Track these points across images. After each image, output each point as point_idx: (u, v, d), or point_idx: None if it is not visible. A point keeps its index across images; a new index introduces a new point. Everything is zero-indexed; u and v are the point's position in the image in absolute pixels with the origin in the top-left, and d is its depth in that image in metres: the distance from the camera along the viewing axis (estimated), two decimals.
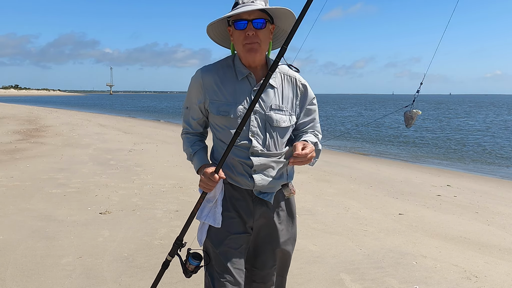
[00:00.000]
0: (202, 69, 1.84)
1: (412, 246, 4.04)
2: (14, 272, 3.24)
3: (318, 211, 5.22)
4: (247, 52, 1.74)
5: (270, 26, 1.78)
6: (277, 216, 1.90)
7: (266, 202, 1.85)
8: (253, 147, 1.76)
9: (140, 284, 3.10)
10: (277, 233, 1.90)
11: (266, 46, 1.78)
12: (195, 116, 1.89)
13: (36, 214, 4.75)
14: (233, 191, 1.82)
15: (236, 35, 1.75)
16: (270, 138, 1.79)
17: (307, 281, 3.22)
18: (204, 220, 1.83)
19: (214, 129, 1.86)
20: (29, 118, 21.08)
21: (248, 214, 1.83)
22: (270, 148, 1.79)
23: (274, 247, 1.92)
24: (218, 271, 1.79)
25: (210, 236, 1.82)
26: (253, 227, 1.86)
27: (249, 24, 1.71)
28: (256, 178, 1.78)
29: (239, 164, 1.78)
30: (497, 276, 3.41)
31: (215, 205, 1.80)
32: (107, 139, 12.63)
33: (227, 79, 1.79)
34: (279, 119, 1.79)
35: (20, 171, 7.17)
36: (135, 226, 4.40)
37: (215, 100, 1.79)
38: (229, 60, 1.85)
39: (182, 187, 6.26)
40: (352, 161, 10.67)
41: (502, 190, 7.74)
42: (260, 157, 1.77)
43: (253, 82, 1.80)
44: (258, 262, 1.93)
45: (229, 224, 1.80)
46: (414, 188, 7.05)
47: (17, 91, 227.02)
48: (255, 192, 1.82)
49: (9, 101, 59.70)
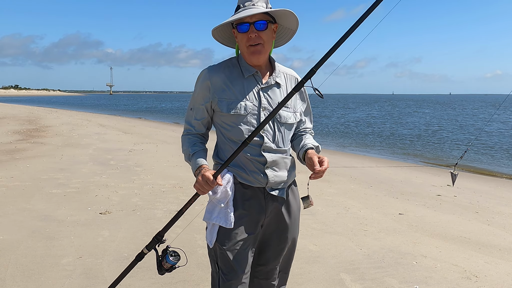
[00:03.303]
0: (208, 69, 1.86)
1: (412, 246, 4.04)
2: (14, 272, 3.25)
3: (318, 211, 5.22)
4: (251, 54, 1.79)
5: (273, 25, 1.83)
6: (287, 212, 1.92)
7: (277, 198, 1.87)
8: (265, 144, 1.80)
9: (140, 284, 3.10)
10: (286, 229, 1.93)
11: (269, 46, 1.83)
12: (199, 116, 1.89)
13: (36, 214, 4.75)
14: (244, 190, 1.83)
15: (240, 38, 1.80)
16: (279, 134, 1.84)
17: (307, 281, 3.22)
18: (214, 222, 1.81)
19: (222, 128, 1.86)
20: (29, 118, 21.08)
21: (260, 212, 1.84)
22: (279, 144, 1.84)
23: (281, 242, 1.94)
24: (224, 272, 1.81)
25: (218, 236, 1.82)
26: (263, 224, 1.88)
27: (251, 26, 1.76)
28: (269, 174, 1.81)
29: (250, 162, 1.80)
30: (497, 276, 3.41)
31: (227, 206, 1.78)
32: (107, 139, 12.63)
33: (235, 78, 1.83)
34: (286, 116, 1.85)
35: (20, 171, 7.17)
36: (135, 226, 4.40)
37: (225, 98, 1.81)
38: (233, 60, 1.89)
39: (182, 187, 6.26)
40: (352, 161, 10.68)
41: (502, 189, 7.74)
42: (271, 153, 1.82)
43: (260, 80, 1.84)
44: (262, 259, 1.95)
45: (239, 225, 1.81)
46: (414, 188, 7.05)
47: (17, 91, 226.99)
48: (267, 188, 1.84)
49: (9, 101, 59.71)
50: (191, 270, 3.33)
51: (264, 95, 1.83)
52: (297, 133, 2.00)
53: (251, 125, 1.79)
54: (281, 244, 1.94)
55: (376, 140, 17.92)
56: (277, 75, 1.88)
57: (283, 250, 1.96)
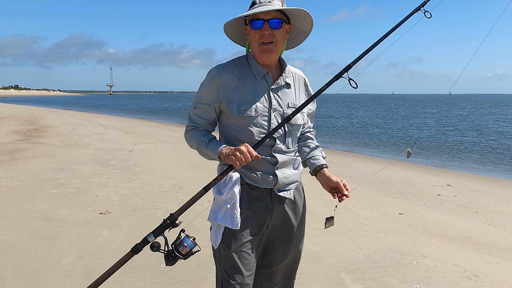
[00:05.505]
0: (217, 67, 1.82)
1: (412, 246, 4.04)
2: (14, 272, 3.25)
3: (318, 211, 5.22)
4: (262, 52, 1.76)
5: (286, 26, 1.80)
6: (293, 214, 1.91)
7: (284, 199, 1.86)
8: (276, 145, 1.79)
9: (140, 284, 3.10)
10: (291, 231, 1.92)
11: (281, 46, 1.80)
12: (207, 116, 1.84)
13: (36, 214, 4.75)
14: (251, 191, 1.81)
15: (252, 34, 1.76)
16: (288, 135, 1.83)
17: (307, 281, 3.22)
18: (220, 222, 1.77)
19: (231, 130, 1.81)
20: (29, 118, 21.08)
21: (267, 213, 1.83)
22: (288, 145, 1.84)
23: (287, 244, 1.92)
24: (228, 273, 1.78)
25: (223, 237, 1.79)
26: (268, 225, 1.86)
27: (266, 23, 1.72)
28: (279, 175, 1.81)
29: (260, 163, 1.78)
30: (497, 276, 3.41)
31: (233, 207, 1.75)
32: (107, 139, 12.64)
33: (245, 78, 1.79)
34: (295, 117, 1.83)
35: (20, 171, 7.17)
36: (135, 226, 4.40)
37: (235, 99, 1.77)
38: (242, 59, 1.85)
39: (182, 187, 6.26)
40: (352, 161, 10.68)
41: (503, 189, 7.74)
42: (282, 154, 1.81)
43: (270, 81, 1.82)
44: (266, 261, 1.94)
45: (244, 226, 1.78)
46: (414, 188, 7.05)
47: (17, 91, 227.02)
48: (275, 189, 1.83)
49: (9, 101, 59.71)
50: (191, 270, 3.32)
51: (274, 96, 1.80)
52: (301, 133, 1.99)
53: (262, 127, 1.77)
54: (286, 246, 1.92)
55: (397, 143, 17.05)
56: (287, 75, 1.86)
57: (288, 252, 1.94)
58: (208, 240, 1.96)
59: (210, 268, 3.34)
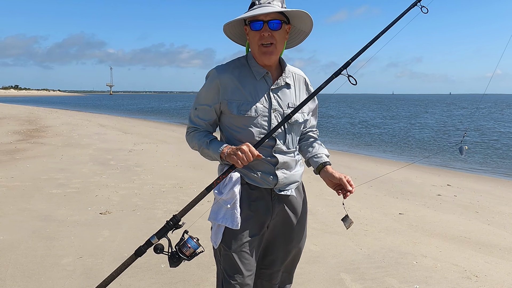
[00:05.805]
0: (217, 68, 1.82)
1: (412, 246, 4.04)
2: (14, 272, 3.24)
3: (318, 211, 5.22)
4: (262, 54, 1.76)
5: (286, 26, 1.80)
6: (294, 214, 1.91)
7: (284, 199, 1.86)
8: (276, 145, 1.79)
9: (140, 284, 3.10)
10: (292, 231, 1.91)
11: (281, 46, 1.80)
12: (207, 117, 1.84)
13: (36, 214, 4.75)
14: (251, 191, 1.81)
15: (252, 35, 1.76)
16: (289, 135, 1.83)
17: (307, 281, 3.22)
18: (220, 222, 1.77)
19: (231, 130, 1.82)
20: (29, 118, 21.08)
21: (267, 213, 1.83)
22: (289, 145, 1.84)
23: (287, 244, 1.92)
24: (228, 273, 1.78)
25: (224, 237, 1.79)
26: (269, 225, 1.86)
27: (265, 25, 1.72)
28: (279, 175, 1.81)
29: (260, 163, 1.78)
30: (497, 276, 3.41)
31: (233, 207, 1.75)
32: (107, 139, 12.64)
33: (245, 79, 1.79)
34: (295, 116, 1.83)
35: (20, 171, 7.17)
36: (135, 226, 4.40)
37: (235, 99, 1.77)
38: (242, 60, 1.85)
39: (182, 187, 6.26)
40: (352, 161, 10.67)
41: (503, 189, 7.74)
42: (282, 154, 1.81)
43: (270, 81, 1.82)
44: (266, 262, 1.94)
45: (244, 226, 1.78)
46: (414, 188, 7.05)
47: (17, 91, 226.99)
48: (275, 189, 1.83)
49: (9, 101, 59.71)
50: (191, 270, 3.32)
51: (274, 96, 1.81)
52: (303, 133, 1.99)
53: (262, 127, 1.77)
54: (287, 246, 1.92)
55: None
56: (287, 75, 1.86)
57: (289, 253, 1.94)
58: (209, 240, 1.95)
59: (210, 268, 3.34)
